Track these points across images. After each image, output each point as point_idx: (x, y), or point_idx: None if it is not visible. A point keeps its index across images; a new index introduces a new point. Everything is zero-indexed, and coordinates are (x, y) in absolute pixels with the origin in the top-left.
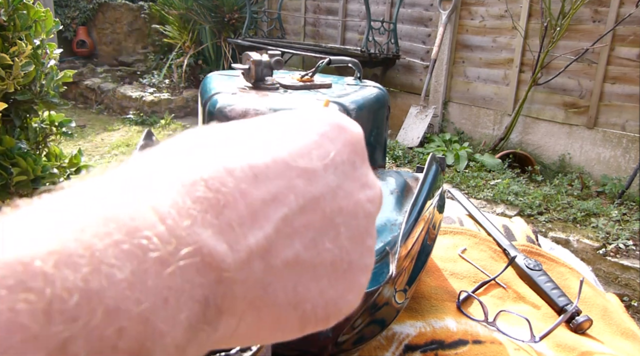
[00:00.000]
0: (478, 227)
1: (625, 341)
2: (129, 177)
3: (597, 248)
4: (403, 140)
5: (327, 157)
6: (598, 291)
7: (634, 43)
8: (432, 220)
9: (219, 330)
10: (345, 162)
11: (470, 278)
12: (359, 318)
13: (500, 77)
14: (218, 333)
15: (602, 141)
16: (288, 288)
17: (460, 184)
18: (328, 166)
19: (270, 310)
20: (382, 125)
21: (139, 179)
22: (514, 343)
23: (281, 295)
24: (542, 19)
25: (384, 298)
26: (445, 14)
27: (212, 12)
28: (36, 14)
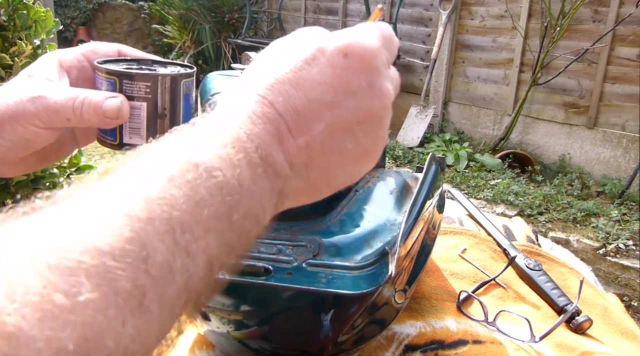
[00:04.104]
0: (478, 227)
1: (625, 341)
2: None
3: (597, 248)
4: (403, 140)
5: (346, 88)
6: (598, 291)
7: (634, 43)
8: (432, 220)
9: (284, 205)
10: (363, 86)
11: (470, 278)
12: (359, 318)
13: (500, 77)
14: (281, 208)
15: (602, 141)
16: (323, 178)
17: (460, 184)
18: (349, 94)
19: (312, 190)
20: None
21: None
22: (514, 343)
23: (318, 181)
24: (542, 19)
25: (383, 298)
26: (445, 14)
27: (212, 12)
28: (36, 14)
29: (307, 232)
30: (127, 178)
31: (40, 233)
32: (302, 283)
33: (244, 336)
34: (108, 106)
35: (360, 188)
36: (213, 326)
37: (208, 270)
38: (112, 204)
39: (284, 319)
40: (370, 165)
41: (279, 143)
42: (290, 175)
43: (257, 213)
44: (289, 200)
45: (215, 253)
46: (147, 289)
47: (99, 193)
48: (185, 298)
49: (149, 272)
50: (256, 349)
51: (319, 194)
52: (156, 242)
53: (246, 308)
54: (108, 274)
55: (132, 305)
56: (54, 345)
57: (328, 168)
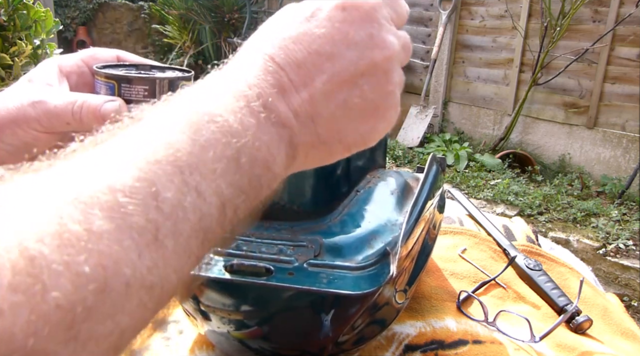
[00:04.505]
0: (478, 227)
1: (625, 341)
2: None
3: (597, 248)
4: (403, 140)
5: (346, 39)
6: (598, 291)
7: (634, 43)
8: (432, 220)
9: (297, 160)
10: (363, 37)
11: (470, 278)
12: (359, 318)
13: (500, 77)
14: (296, 163)
15: (602, 141)
16: (332, 132)
17: (460, 184)
18: (349, 45)
19: (323, 146)
20: None
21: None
22: (514, 343)
23: (328, 137)
24: (542, 19)
25: (384, 298)
26: (445, 14)
27: (212, 12)
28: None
29: (308, 232)
30: (133, 129)
31: (56, 177)
32: (303, 283)
33: (245, 336)
34: (107, 109)
35: (361, 188)
36: (213, 326)
37: (221, 212)
38: (121, 151)
39: (284, 319)
40: (384, 126)
41: (281, 95)
42: (296, 125)
43: (266, 158)
44: (302, 156)
45: (226, 195)
46: (160, 224)
47: (108, 144)
48: (200, 237)
49: (160, 208)
50: (256, 349)
51: (332, 152)
52: (165, 181)
53: (247, 308)
54: (121, 209)
55: (146, 238)
56: (72, 269)
57: (336, 122)
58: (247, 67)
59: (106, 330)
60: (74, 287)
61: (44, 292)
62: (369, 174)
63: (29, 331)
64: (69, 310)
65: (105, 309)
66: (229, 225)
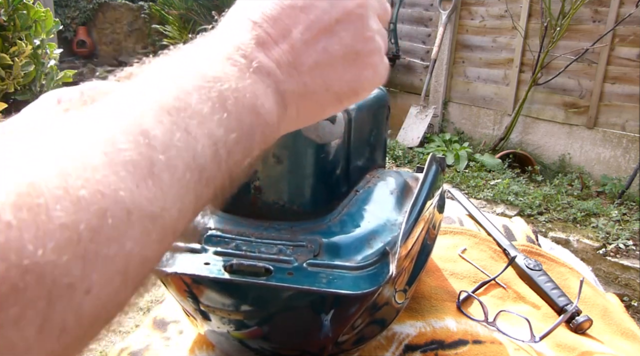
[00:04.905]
0: (478, 227)
1: (625, 341)
2: None
3: (597, 248)
4: (403, 140)
5: None
6: (598, 291)
7: (634, 43)
8: (432, 220)
9: (289, 112)
10: None
11: (470, 278)
12: (359, 318)
13: (500, 77)
14: (288, 115)
15: (602, 141)
16: (318, 80)
17: (460, 184)
18: None
19: (312, 96)
20: (382, 125)
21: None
22: (514, 343)
23: (315, 85)
24: (542, 19)
25: (384, 298)
26: (445, 14)
27: (212, 12)
28: (36, 14)
29: (307, 232)
30: (120, 87)
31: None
32: (303, 283)
33: (244, 336)
34: None
35: (360, 188)
36: (213, 326)
37: (214, 152)
38: (109, 105)
39: (284, 319)
40: (370, 74)
41: (261, 47)
42: (279, 73)
43: (253, 103)
44: (292, 107)
45: (217, 135)
46: (154, 159)
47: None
48: (197, 175)
49: (151, 145)
50: (256, 349)
51: (323, 103)
52: (153, 121)
53: (246, 308)
54: (113, 145)
55: (142, 171)
56: (71, 193)
57: (321, 71)
58: (227, 28)
59: (111, 252)
60: (75, 209)
61: (48, 211)
62: (369, 174)
63: (38, 244)
64: (73, 229)
65: (109, 232)
66: (225, 167)
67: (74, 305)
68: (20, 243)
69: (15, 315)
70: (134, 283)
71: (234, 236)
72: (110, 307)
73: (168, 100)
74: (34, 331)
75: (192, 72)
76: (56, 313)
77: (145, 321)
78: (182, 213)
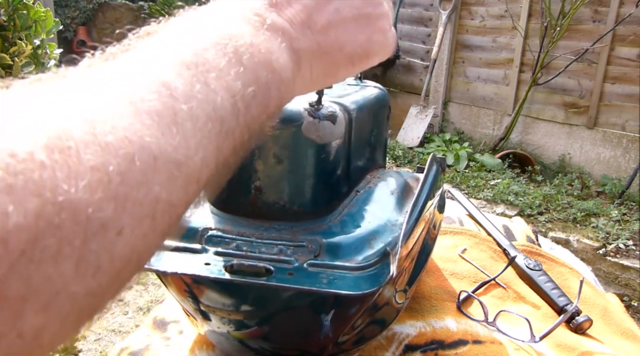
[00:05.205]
0: (478, 227)
1: (625, 341)
2: None
3: (597, 248)
4: (403, 140)
5: None
6: (598, 291)
7: (634, 43)
8: (432, 220)
9: (303, 70)
10: None
11: (470, 278)
12: (359, 318)
13: (500, 77)
14: (302, 75)
15: (602, 141)
16: (331, 40)
17: (460, 184)
18: None
19: (326, 56)
20: (382, 125)
21: None
22: (514, 343)
23: (328, 45)
24: (542, 19)
25: (384, 298)
26: (445, 14)
27: None
28: (36, 14)
29: (308, 232)
30: (139, 44)
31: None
32: (303, 283)
33: (245, 337)
34: None
35: (361, 188)
36: (213, 326)
37: (233, 105)
38: (129, 61)
39: (284, 319)
40: (379, 38)
41: (273, 7)
42: (292, 31)
43: (268, 59)
44: (306, 65)
45: (234, 89)
46: (176, 109)
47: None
48: (217, 127)
49: (173, 96)
50: (256, 349)
51: (336, 63)
52: (173, 74)
53: (247, 308)
54: (137, 95)
55: (166, 120)
56: (100, 139)
57: (333, 31)
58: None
59: (140, 195)
60: (104, 153)
61: (78, 154)
62: (369, 174)
63: (71, 183)
64: (103, 171)
65: (137, 176)
66: (243, 121)
67: (107, 244)
68: (54, 181)
69: (53, 250)
70: (162, 229)
71: (234, 236)
72: (141, 250)
73: (186, 56)
74: (70, 267)
75: (208, 30)
76: (91, 252)
77: (145, 321)
78: (204, 163)
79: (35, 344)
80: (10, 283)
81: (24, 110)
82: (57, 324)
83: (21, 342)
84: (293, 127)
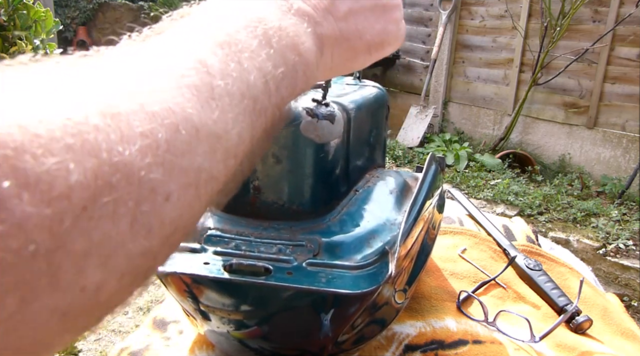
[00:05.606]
0: (478, 227)
1: (625, 341)
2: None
3: (597, 248)
4: (403, 140)
5: None
6: (598, 291)
7: (634, 43)
8: (431, 219)
9: (325, 56)
10: None
11: (470, 278)
12: (359, 318)
13: (500, 77)
14: (324, 60)
15: (602, 141)
16: (351, 27)
17: (460, 184)
18: None
19: (346, 42)
20: (381, 125)
21: None
22: (514, 343)
23: (349, 32)
24: (542, 19)
25: (383, 298)
26: (445, 14)
27: None
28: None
29: (307, 231)
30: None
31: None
32: (302, 282)
33: (244, 336)
34: None
35: (360, 188)
36: (213, 326)
37: (264, 84)
38: (164, 42)
39: (284, 319)
40: (394, 28)
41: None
42: (316, 16)
43: (295, 42)
44: (328, 51)
45: (265, 69)
46: (213, 85)
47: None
48: (252, 105)
49: (210, 73)
50: (256, 349)
51: (355, 50)
52: (209, 53)
53: (246, 308)
54: (176, 71)
55: (204, 94)
56: (146, 109)
57: (353, 18)
58: None
59: (185, 164)
60: (151, 121)
61: (128, 121)
62: (368, 173)
63: (124, 146)
64: (152, 138)
65: (182, 146)
66: (274, 101)
67: (157, 208)
68: (109, 143)
69: (110, 209)
70: (205, 199)
71: (233, 236)
72: (186, 218)
73: (220, 36)
74: (126, 227)
75: (238, 14)
76: (143, 213)
77: (145, 321)
78: (241, 139)
79: (95, 300)
80: (74, 238)
81: (75, 82)
82: (115, 281)
83: (83, 296)
84: (292, 126)
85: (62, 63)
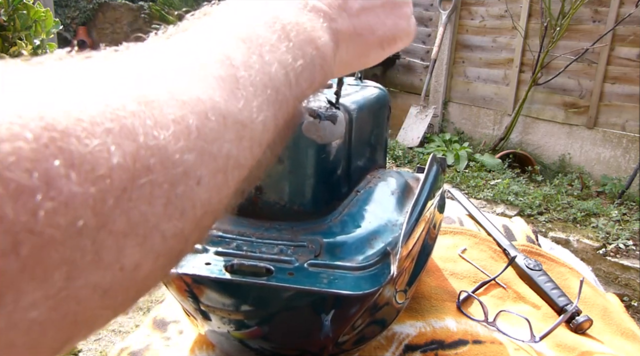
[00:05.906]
0: (478, 227)
1: (625, 341)
2: None
3: (597, 248)
4: (403, 140)
5: None
6: (598, 291)
7: (634, 43)
8: (432, 220)
9: (340, 50)
10: None
11: (470, 278)
12: (360, 318)
13: (500, 77)
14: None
15: (602, 141)
16: (364, 23)
17: (460, 184)
18: None
19: (359, 38)
20: (382, 125)
21: None
22: (514, 343)
23: (362, 28)
24: (542, 19)
25: (384, 299)
26: (445, 14)
27: None
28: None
29: (308, 232)
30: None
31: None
32: (304, 283)
33: (245, 336)
34: None
35: (361, 188)
36: (213, 326)
37: (285, 76)
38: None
39: (284, 319)
40: (404, 24)
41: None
42: (331, 12)
43: (312, 36)
44: (343, 46)
45: (285, 61)
46: (237, 76)
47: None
48: (274, 95)
49: (234, 65)
50: (256, 349)
51: (368, 45)
52: (231, 47)
53: (247, 308)
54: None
55: (230, 84)
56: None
57: (366, 15)
58: None
59: (214, 150)
60: (182, 108)
61: (161, 108)
62: (369, 174)
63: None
64: (184, 125)
65: (211, 133)
66: (294, 93)
67: (189, 191)
68: (145, 128)
69: (147, 191)
70: (232, 185)
71: (234, 236)
72: (215, 202)
73: (240, 32)
74: (161, 208)
75: (256, 11)
76: (176, 196)
77: (145, 321)
78: (265, 127)
79: (132, 279)
80: (115, 217)
81: (110, 74)
82: (151, 261)
83: (122, 275)
84: None
85: (95, 57)
